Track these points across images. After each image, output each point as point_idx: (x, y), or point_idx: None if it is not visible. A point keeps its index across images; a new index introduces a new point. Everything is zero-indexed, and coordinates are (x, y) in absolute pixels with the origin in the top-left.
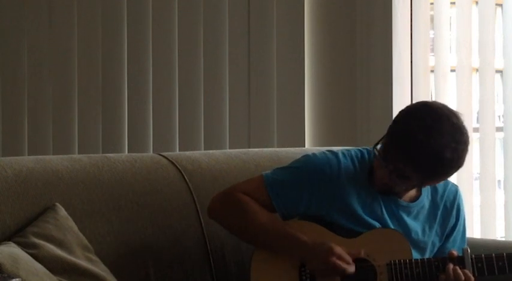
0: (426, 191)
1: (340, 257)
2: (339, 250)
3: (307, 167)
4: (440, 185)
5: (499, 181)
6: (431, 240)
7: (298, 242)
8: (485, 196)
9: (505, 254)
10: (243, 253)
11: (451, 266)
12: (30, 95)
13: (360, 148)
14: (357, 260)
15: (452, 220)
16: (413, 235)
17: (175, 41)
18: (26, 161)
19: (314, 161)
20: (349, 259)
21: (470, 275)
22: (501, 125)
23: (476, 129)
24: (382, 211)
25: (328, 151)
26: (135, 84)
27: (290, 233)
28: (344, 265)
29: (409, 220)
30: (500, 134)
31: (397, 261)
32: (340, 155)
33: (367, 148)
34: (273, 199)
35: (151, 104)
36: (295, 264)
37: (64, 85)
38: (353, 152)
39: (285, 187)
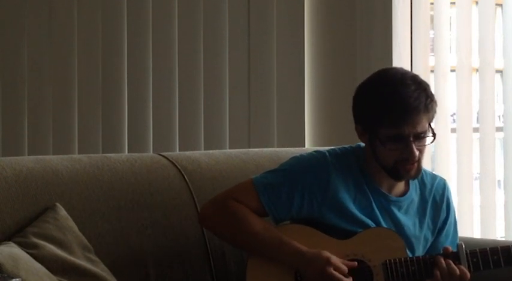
0: (414, 185)
1: (336, 268)
2: (335, 260)
3: (296, 168)
4: (428, 179)
5: (499, 181)
6: (424, 234)
7: (294, 251)
8: (485, 196)
9: (499, 247)
10: (243, 253)
11: (443, 261)
12: (30, 95)
13: (344, 146)
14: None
15: (443, 214)
16: (406, 229)
17: (175, 41)
18: (26, 161)
19: (302, 161)
20: (345, 269)
21: (466, 270)
22: (501, 125)
23: (476, 129)
24: (372, 206)
25: (315, 151)
26: (135, 85)
27: (285, 242)
28: (340, 276)
29: (400, 215)
30: (500, 134)
31: (392, 260)
32: (327, 154)
33: (351, 145)
34: (264, 203)
35: (151, 104)
36: (291, 271)
37: (64, 85)
38: (338, 150)
39: (276, 190)
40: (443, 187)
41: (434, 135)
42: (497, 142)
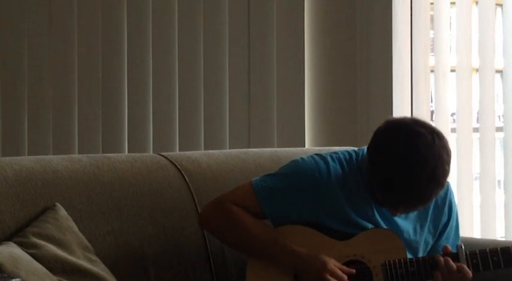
0: None
1: (333, 274)
2: (332, 265)
3: (296, 173)
4: None
5: (499, 181)
6: (424, 238)
7: (291, 253)
8: (485, 196)
9: (499, 248)
10: (243, 254)
11: (442, 259)
12: (30, 95)
13: (347, 150)
14: (352, 262)
15: (445, 217)
16: (405, 235)
17: (175, 41)
18: (26, 161)
19: (303, 166)
20: (342, 275)
21: (467, 268)
22: (501, 125)
23: (476, 130)
24: (373, 212)
25: (316, 154)
26: (135, 84)
27: (283, 245)
28: None
29: (399, 220)
30: (500, 134)
31: (391, 261)
32: (329, 158)
33: (355, 149)
34: (263, 207)
35: (151, 104)
36: (290, 272)
37: (64, 85)
38: (341, 155)
39: (275, 194)
40: (445, 190)
41: None
42: (497, 141)
